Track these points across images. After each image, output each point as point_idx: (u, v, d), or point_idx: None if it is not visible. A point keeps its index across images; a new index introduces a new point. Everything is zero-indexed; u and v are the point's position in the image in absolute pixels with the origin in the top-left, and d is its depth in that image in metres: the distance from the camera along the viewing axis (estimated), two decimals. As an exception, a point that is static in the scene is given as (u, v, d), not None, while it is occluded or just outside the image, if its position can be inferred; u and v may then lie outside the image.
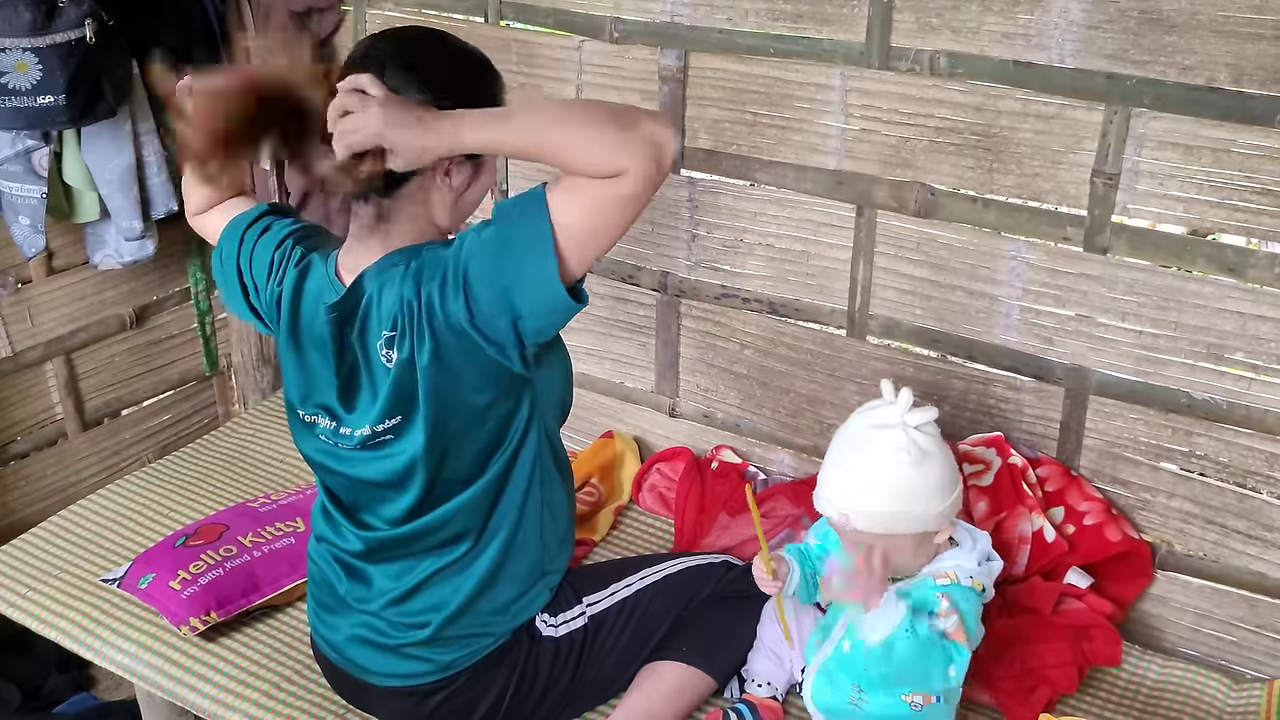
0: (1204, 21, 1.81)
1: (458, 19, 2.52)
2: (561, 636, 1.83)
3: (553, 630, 1.82)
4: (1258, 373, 1.94)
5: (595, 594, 1.88)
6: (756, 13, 2.18)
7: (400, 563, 1.76)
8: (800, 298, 2.33)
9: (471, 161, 1.64)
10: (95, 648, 2.05)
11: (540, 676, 1.81)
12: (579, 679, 1.84)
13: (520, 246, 1.49)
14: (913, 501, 1.67)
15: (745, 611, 1.91)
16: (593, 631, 1.85)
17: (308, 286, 1.69)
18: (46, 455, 2.72)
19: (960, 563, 1.71)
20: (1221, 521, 2.04)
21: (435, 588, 1.75)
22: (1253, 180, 1.85)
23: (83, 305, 2.71)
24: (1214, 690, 1.97)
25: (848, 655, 1.74)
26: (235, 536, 2.13)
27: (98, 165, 2.42)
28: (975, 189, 2.09)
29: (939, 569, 1.71)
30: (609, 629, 1.86)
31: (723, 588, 1.93)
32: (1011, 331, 2.13)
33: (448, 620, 1.75)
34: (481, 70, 1.66)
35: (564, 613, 1.84)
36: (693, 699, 1.87)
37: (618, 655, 1.86)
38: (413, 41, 1.65)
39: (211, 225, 1.90)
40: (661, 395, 2.58)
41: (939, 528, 1.71)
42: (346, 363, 1.66)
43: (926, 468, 1.67)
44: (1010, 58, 1.98)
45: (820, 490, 1.75)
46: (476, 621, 1.77)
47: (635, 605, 1.88)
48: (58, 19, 2.17)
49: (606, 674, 1.87)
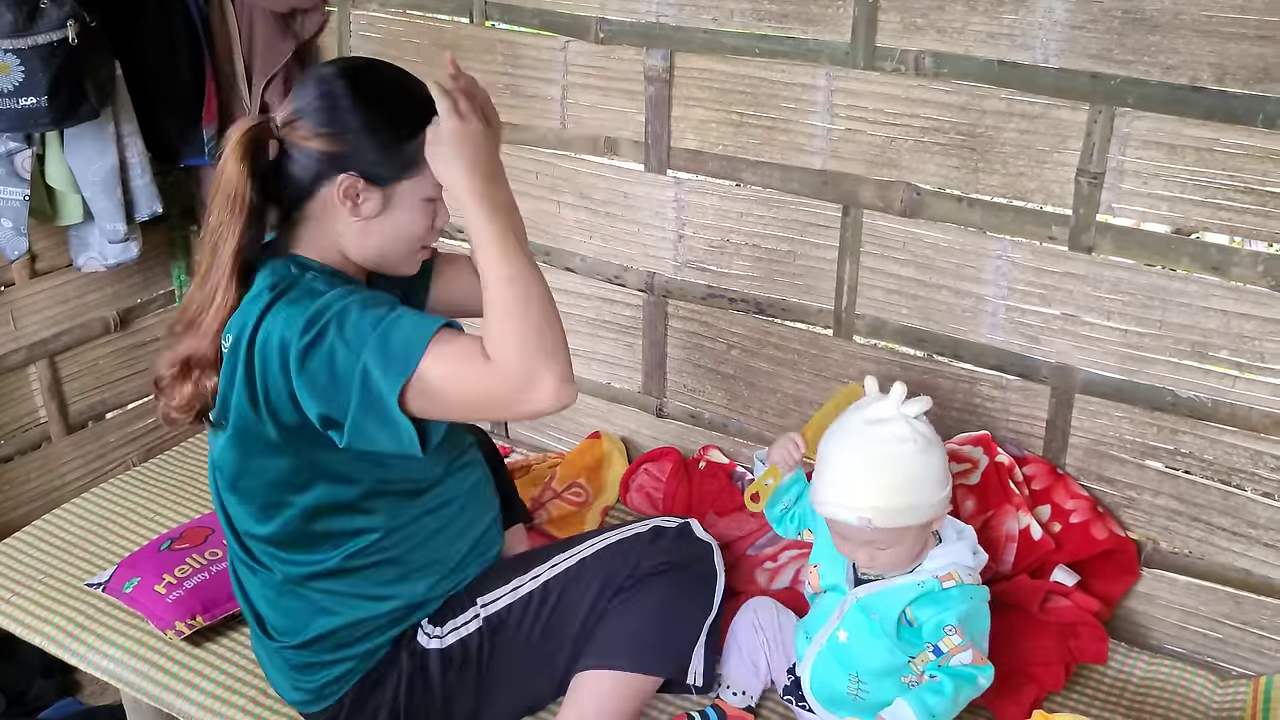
0: (1187, 21, 1.81)
1: (443, 19, 2.52)
2: (450, 646, 1.75)
3: (438, 641, 1.75)
4: (1242, 370, 1.95)
5: (492, 592, 1.78)
6: (742, 13, 2.18)
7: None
8: (787, 297, 2.34)
9: (381, 189, 1.59)
10: (80, 653, 2.04)
11: (434, 690, 1.75)
12: (486, 684, 1.77)
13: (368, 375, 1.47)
14: (924, 491, 1.67)
15: (684, 587, 1.78)
16: (489, 634, 1.76)
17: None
18: (30, 459, 2.71)
19: (958, 560, 1.72)
20: (1206, 519, 2.05)
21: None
22: (1236, 179, 1.86)
23: (66, 308, 2.70)
24: (1200, 687, 1.98)
25: (844, 646, 1.75)
26: (220, 540, 2.12)
27: (81, 167, 2.41)
28: (960, 188, 2.09)
29: (938, 568, 1.71)
30: (513, 627, 1.76)
31: (652, 563, 1.77)
32: (997, 330, 2.14)
33: (296, 645, 1.74)
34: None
35: (452, 620, 1.77)
36: (636, 706, 1.77)
37: (530, 654, 1.77)
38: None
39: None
40: (648, 395, 2.58)
41: (939, 515, 1.71)
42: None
43: (931, 455, 1.67)
44: (995, 57, 1.98)
45: (827, 496, 1.69)
46: (325, 645, 1.73)
47: (544, 597, 1.77)
48: (39, 20, 2.16)
49: (520, 674, 1.78)
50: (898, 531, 1.67)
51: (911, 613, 1.70)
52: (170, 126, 2.57)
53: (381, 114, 1.58)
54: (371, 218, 1.61)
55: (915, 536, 1.70)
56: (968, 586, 1.69)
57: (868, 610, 1.74)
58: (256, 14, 2.57)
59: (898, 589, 1.72)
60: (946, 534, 1.77)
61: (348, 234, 1.62)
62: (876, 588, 1.74)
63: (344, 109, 1.57)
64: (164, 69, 2.52)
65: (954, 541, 1.75)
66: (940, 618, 1.67)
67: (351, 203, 1.59)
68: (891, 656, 1.71)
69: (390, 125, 1.58)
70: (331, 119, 1.57)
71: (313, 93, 1.59)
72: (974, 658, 1.65)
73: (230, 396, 1.58)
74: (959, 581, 1.69)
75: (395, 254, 1.66)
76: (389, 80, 1.64)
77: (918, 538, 1.71)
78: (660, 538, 1.81)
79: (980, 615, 1.71)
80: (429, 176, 1.60)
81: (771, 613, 1.91)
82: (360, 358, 1.47)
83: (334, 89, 1.58)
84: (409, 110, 1.59)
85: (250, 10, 2.57)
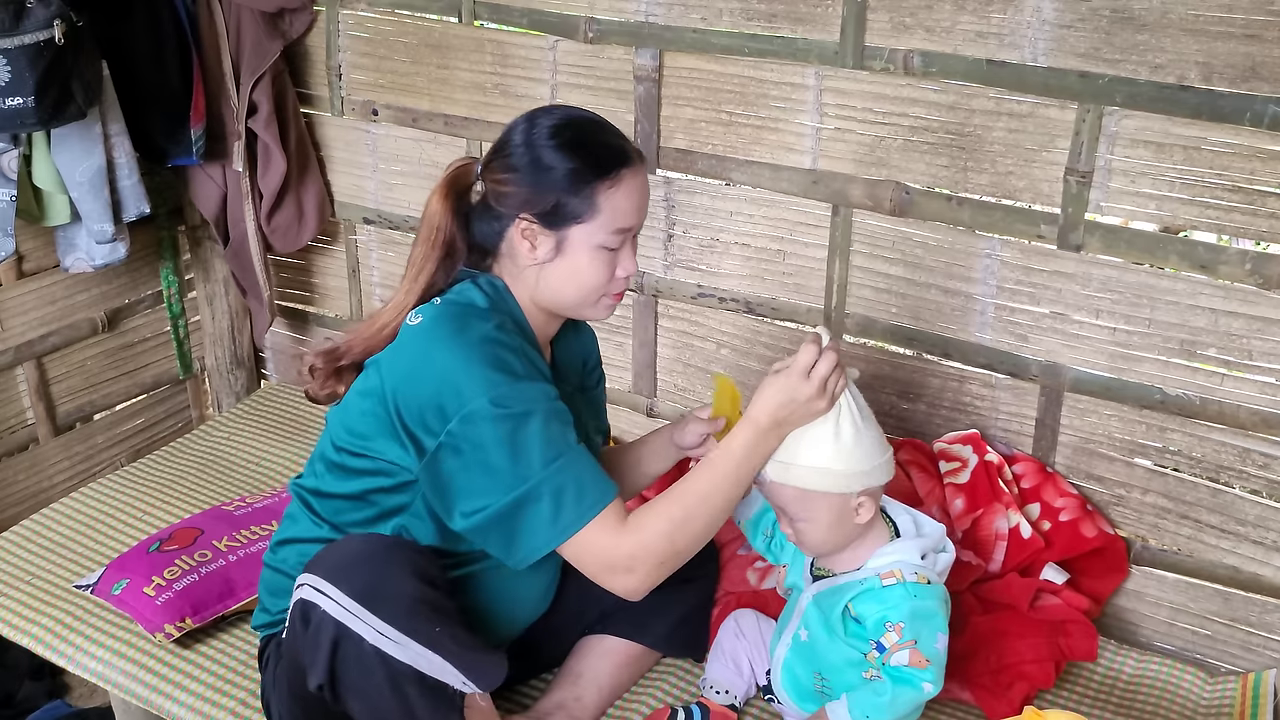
0: (1174, 20, 1.82)
1: (431, 19, 2.52)
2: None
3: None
4: (1230, 368, 1.95)
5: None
6: (731, 12, 2.18)
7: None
8: (777, 297, 2.34)
9: (554, 232, 1.63)
10: (69, 655, 2.03)
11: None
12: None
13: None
14: (824, 456, 1.62)
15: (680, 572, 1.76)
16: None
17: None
18: (18, 460, 2.70)
19: (903, 559, 1.69)
20: (1195, 516, 2.06)
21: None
22: (1223, 177, 1.86)
23: (54, 309, 2.69)
24: (1189, 684, 1.98)
25: (805, 644, 1.76)
26: (210, 541, 2.11)
27: (68, 167, 2.40)
28: (950, 187, 2.10)
29: (881, 566, 1.69)
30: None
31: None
32: (987, 329, 2.14)
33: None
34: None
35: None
36: (636, 674, 1.95)
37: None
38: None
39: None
40: (639, 395, 2.58)
41: (851, 494, 1.65)
42: None
43: (844, 424, 1.62)
44: (984, 56, 1.99)
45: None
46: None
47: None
48: (26, 20, 2.15)
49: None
50: (801, 497, 1.64)
51: (854, 608, 1.69)
52: (158, 127, 2.56)
53: (561, 161, 1.61)
54: (546, 261, 1.64)
55: (829, 512, 1.65)
56: (911, 585, 1.66)
57: (820, 607, 1.74)
58: (244, 13, 2.56)
59: (843, 586, 1.72)
60: (905, 529, 1.74)
61: (530, 276, 1.67)
62: (827, 585, 1.74)
63: (530, 155, 1.62)
64: (151, 69, 2.50)
65: (910, 538, 1.72)
66: (883, 614, 1.66)
67: (529, 244, 1.64)
68: (849, 651, 1.70)
69: (568, 173, 1.61)
70: (512, 161, 1.63)
71: (509, 137, 1.66)
72: (911, 658, 1.63)
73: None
74: (900, 579, 1.66)
75: (573, 299, 1.68)
76: (575, 128, 1.65)
77: (833, 514, 1.65)
78: None
79: (930, 616, 1.66)
80: (606, 225, 1.62)
81: (753, 621, 1.93)
82: (520, 487, 1.53)
83: (529, 135, 1.63)
84: (586, 159, 1.61)
85: (238, 10, 2.56)
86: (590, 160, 1.61)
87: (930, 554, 1.72)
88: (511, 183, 1.63)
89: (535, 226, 1.62)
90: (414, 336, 1.62)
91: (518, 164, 1.62)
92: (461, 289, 1.68)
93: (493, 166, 1.66)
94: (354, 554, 1.60)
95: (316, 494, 1.75)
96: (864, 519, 1.67)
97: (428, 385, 1.56)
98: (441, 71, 2.53)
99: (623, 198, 1.62)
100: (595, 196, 1.60)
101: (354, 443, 1.67)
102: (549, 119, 1.65)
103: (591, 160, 1.61)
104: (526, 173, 1.61)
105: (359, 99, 2.67)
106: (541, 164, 1.61)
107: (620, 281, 1.68)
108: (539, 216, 1.62)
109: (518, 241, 1.64)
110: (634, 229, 1.67)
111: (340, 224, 2.84)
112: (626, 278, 1.68)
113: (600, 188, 1.61)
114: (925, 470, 2.18)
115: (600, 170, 1.61)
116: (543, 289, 1.67)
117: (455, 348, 1.57)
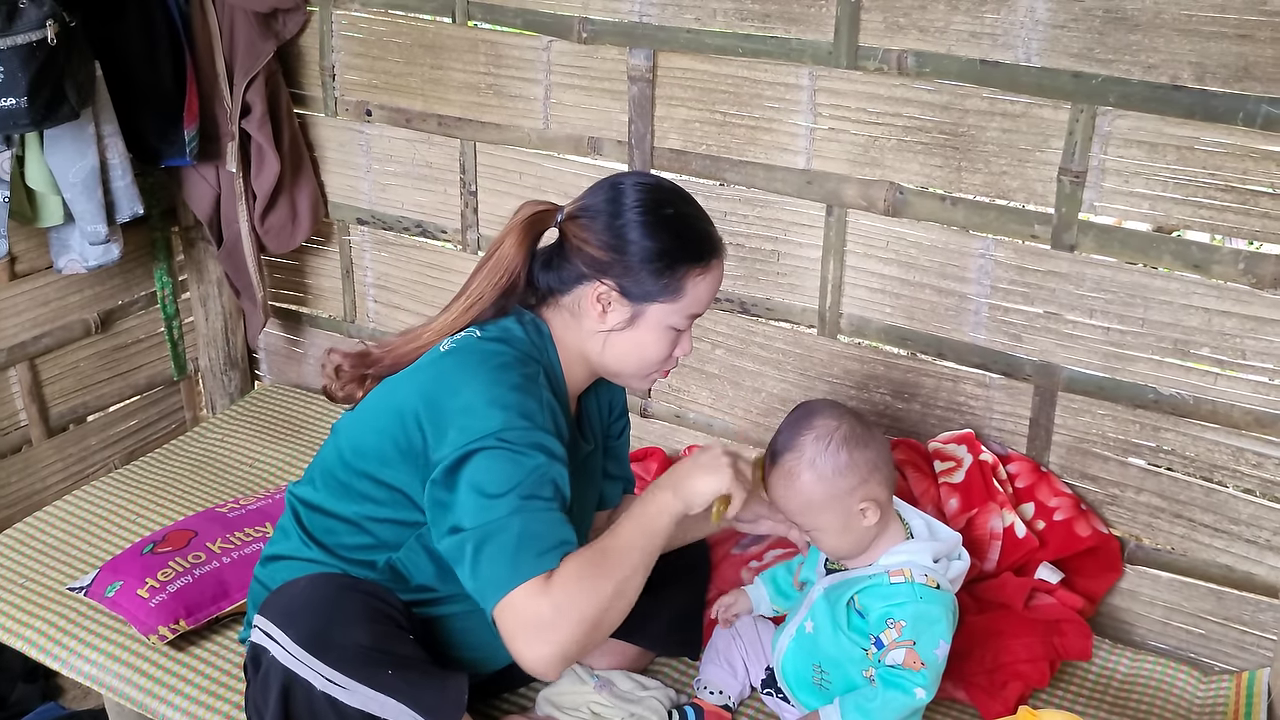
0: (1168, 20, 1.82)
1: (425, 19, 2.51)
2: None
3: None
4: (1223, 368, 1.96)
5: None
6: (725, 12, 2.18)
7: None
8: (771, 297, 2.34)
9: (632, 305, 1.62)
10: (62, 657, 2.02)
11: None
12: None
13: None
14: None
15: (668, 572, 1.75)
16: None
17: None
18: (11, 462, 2.69)
19: (914, 560, 1.70)
20: (1189, 515, 2.06)
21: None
22: (1216, 177, 1.87)
23: (47, 310, 2.68)
24: (1183, 683, 1.99)
25: (809, 635, 1.76)
26: (204, 543, 2.11)
27: (61, 168, 2.39)
28: (943, 187, 2.10)
29: (892, 563, 1.71)
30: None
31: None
32: (980, 329, 2.15)
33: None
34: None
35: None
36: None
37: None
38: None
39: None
40: (632, 395, 2.58)
41: (857, 502, 1.67)
42: None
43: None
44: (977, 57, 1.99)
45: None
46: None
47: None
48: (18, 20, 2.14)
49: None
50: (804, 508, 1.68)
51: (859, 601, 1.70)
52: (151, 127, 2.55)
53: (657, 239, 1.61)
54: (615, 329, 1.64)
55: (834, 519, 1.68)
56: (919, 586, 1.67)
57: (829, 600, 1.75)
58: (237, 14, 2.56)
59: (852, 579, 1.73)
60: (918, 532, 1.76)
61: (591, 338, 1.66)
62: (838, 578, 1.76)
63: (624, 224, 1.61)
64: (144, 69, 2.50)
65: (924, 540, 1.74)
66: (886, 610, 1.67)
67: (602, 309, 1.63)
68: (850, 648, 1.71)
69: (662, 252, 1.61)
70: (610, 228, 1.61)
71: (603, 197, 1.64)
72: (907, 659, 1.64)
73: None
74: (909, 579, 1.68)
75: (630, 370, 1.69)
76: (677, 208, 1.65)
77: (839, 521, 1.68)
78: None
79: (933, 621, 1.67)
80: (684, 309, 1.64)
81: (749, 623, 1.94)
82: (490, 532, 1.48)
83: (623, 201, 1.62)
84: (683, 243, 1.62)
85: (231, 10, 2.56)
86: (686, 245, 1.62)
87: (944, 560, 1.74)
88: (599, 246, 1.61)
89: (614, 295, 1.62)
90: (446, 362, 1.61)
91: (609, 230, 1.61)
92: (506, 325, 1.66)
93: (580, 222, 1.64)
94: (304, 599, 1.59)
95: (311, 507, 1.73)
96: (871, 521, 1.69)
97: (448, 412, 1.54)
98: (435, 72, 2.53)
99: (706, 286, 1.64)
100: (684, 281, 1.62)
101: (361, 463, 1.65)
102: (641, 188, 1.64)
103: (688, 245, 1.62)
104: (618, 242, 1.61)
105: (352, 99, 2.67)
106: (635, 238, 1.60)
107: (674, 360, 1.70)
108: (621, 287, 1.61)
109: (590, 303, 1.64)
110: (702, 314, 1.68)
111: (334, 224, 2.83)
112: (680, 359, 1.70)
113: (691, 273, 1.62)
114: (920, 470, 2.19)
115: (694, 258, 1.62)
116: (603, 354, 1.67)
117: (484, 385, 1.55)
